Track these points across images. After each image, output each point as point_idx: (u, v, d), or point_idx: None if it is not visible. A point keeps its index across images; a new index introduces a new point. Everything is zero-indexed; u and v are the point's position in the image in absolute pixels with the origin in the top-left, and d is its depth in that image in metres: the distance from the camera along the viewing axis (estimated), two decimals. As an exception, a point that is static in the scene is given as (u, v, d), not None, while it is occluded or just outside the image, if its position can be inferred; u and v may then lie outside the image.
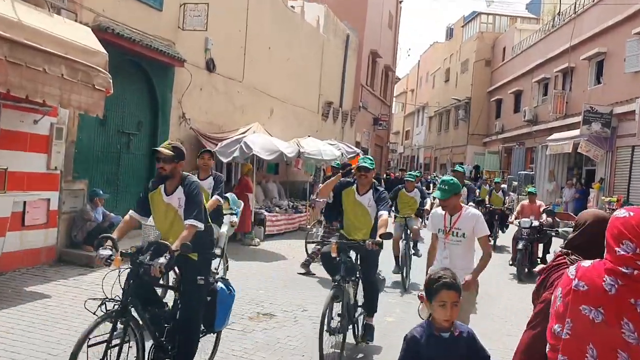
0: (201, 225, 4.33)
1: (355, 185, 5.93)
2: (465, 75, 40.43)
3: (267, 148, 11.59)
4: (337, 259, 5.44)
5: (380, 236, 5.33)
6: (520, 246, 10.56)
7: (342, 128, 24.66)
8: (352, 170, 6.31)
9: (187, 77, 11.87)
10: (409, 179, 11.15)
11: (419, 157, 54.01)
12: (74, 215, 9.18)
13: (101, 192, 9.32)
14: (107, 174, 10.25)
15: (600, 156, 19.64)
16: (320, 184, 11.74)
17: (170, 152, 4.39)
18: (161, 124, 11.34)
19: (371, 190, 5.83)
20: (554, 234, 10.07)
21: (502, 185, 19.03)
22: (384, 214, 5.65)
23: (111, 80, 8.13)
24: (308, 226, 15.51)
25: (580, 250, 2.92)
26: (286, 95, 17.55)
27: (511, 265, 11.06)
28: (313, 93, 20.46)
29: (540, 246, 11.29)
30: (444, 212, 5.00)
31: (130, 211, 4.67)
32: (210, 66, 12.83)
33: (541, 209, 11.40)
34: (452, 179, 4.95)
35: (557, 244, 8.73)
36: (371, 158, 6.12)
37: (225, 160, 11.73)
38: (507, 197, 20.34)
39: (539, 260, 11.09)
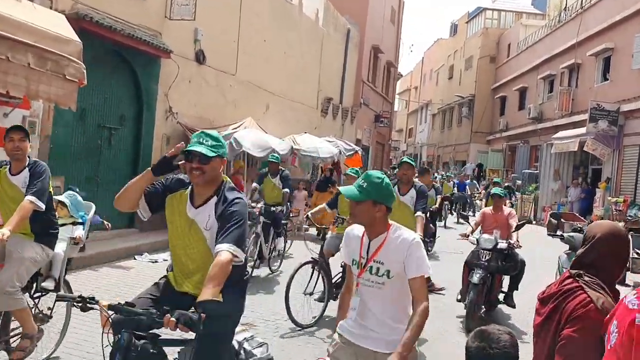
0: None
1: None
2: (469, 72, 39.77)
3: (258, 144, 11.05)
4: None
5: None
6: (475, 279, 6.79)
7: (342, 125, 24.09)
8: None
9: (174, 69, 11.35)
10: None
11: (422, 155, 53.35)
12: (48, 214, 8.65)
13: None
14: (87, 170, 9.73)
15: (606, 155, 19.01)
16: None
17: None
18: (146, 118, 10.82)
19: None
20: (559, 239, 7.77)
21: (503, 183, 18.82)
22: None
23: (85, 71, 7.58)
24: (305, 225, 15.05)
25: (593, 269, 2.42)
26: (283, 90, 17.00)
27: (459, 301, 7.40)
28: (312, 89, 19.90)
29: (506, 279, 7.60)
30: (361, 232, 3.09)
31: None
32: (200, 58, 12.30)
33: (510, 220, 7.40)
34: (379, 176, 3.01)
35: (529, 278, 7.71)
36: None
37: (213, 157, 11.17)
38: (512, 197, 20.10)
39: (500, 299, 7.59)
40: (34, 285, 4.49)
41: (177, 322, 2.52)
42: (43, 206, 4.11)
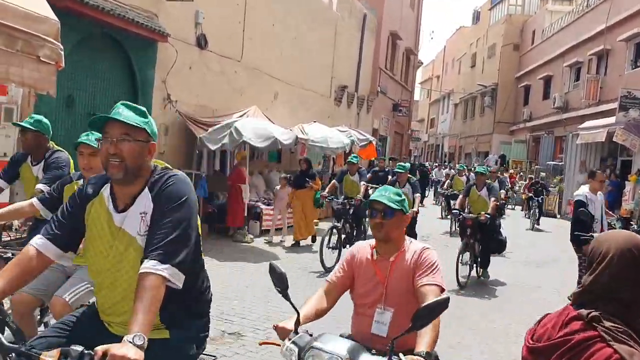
0: None
1: None
2: (492, 61, 38.59)
3: (259, 134, 10.32)
4: None
5: None
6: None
7: (357, 114, 23.25)
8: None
9: (172, 54, 10.65)
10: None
11: (444, 146, 52.27)
12: (30, 209, 8.04)
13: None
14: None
15: (637, 145, 17.93)
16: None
17: None
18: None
19: None
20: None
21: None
22: None
23: (62, 52, 6.90)
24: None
25: (611, 303, 1.69)
26: (293, 78, 16.22)
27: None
28: (325, 76, 19.09)
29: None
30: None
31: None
32: (201, 42, 11.59)
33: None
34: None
35: (552, 273, 7.55)
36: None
37: (213, 148, 10.50)
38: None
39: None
40: None
41: None
42: None
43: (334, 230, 9.39)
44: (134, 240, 2.22)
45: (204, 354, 2.54)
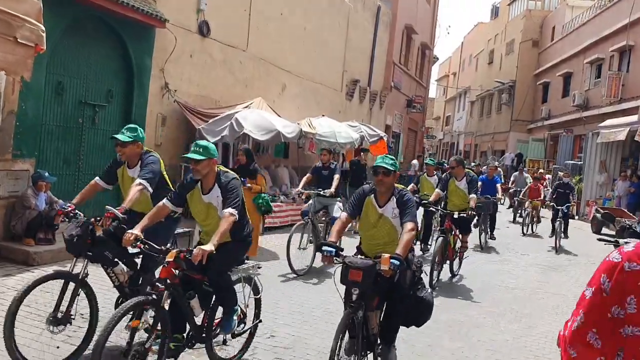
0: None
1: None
2: (510, 57, 37.71)
3: (261, 126, 9.80)
4: None
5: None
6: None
7: (370, 109, 22.64)
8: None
9: (171, 41, 10.16)
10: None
11: (459, 144, 51.41)
12: (13, 202, 7.60)
13: (47, 174, 7.70)
14: (66, 152, 8.64)
15: (661, 145, 17.18)
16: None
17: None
18: (137, 95, 9.66)
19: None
20: (612, 245, 6.03)
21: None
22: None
23: (44, 34, 6.41)
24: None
25: None
26: (302, 70, 15.67)
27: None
28: (336, 69, 18.51)
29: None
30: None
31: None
32: (203, 30, 11.09)
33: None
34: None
35: (563, 279, 6.80)
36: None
37: (212, 140, 9.96)
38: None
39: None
40: None
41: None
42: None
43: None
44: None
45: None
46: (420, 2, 28.74)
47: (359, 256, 4.43)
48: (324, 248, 4.21)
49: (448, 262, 8.47)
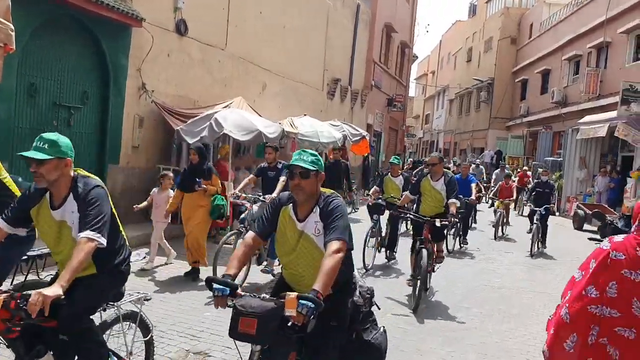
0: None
1: None
2: (488, 55, 37.89)
3: (242, 126, 9.59)
4: None
5: None
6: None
7: (351, 108, 22.54)
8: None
9: (148, 41, 9.91)
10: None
11: (439, 142, 51.61)
12: (-16, 208, 7.30)
13: (20, 179, 7.40)
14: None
15: (640, 141, 17.30)
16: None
17: None
18: (113, 96, 9.41)
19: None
20: (594, 242, 5.96)
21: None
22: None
23: (13, 33, 6.16)
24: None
25: None
26: (283, 69, 15.49)
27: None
28: (316, 68, 18.35)
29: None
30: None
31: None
32: (181, 29, 10.85)
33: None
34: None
35: (547, 278, 6.73)
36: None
37: (191, 141, 9.73)
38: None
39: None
40: None
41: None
42: None
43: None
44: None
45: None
46: (400, 0, 28.71)
47: (264, 294, 3.03)
48: (214, 286, 2.93)
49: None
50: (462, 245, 11.50)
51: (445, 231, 8.31)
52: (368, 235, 8.74)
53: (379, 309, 3.82)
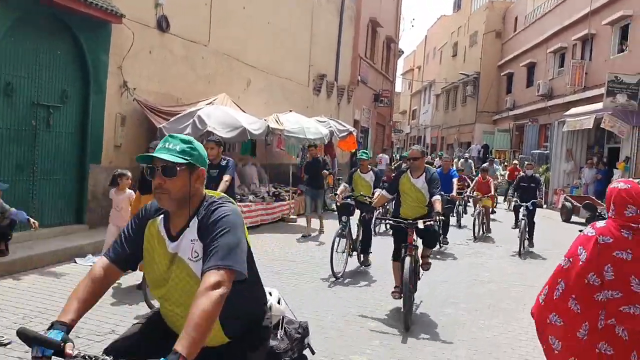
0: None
1: None
2: (474, 49, 37.91)
3: (225, 123, 9.45)
4: None
5: None
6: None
7: (337, 104, 22.41)
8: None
9: (129, 37, 9.71)
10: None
11: (426, 137, 51.65)
12: (-40, 211, 7.10)
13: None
14: (18, 157, 8.15)
15: (626, 132, 17.33)
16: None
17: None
18: (94, 94, 9.20)
19: None
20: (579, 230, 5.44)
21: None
22: None
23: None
24: (292, 216, 13.52)
25: None
26: (267, 65, 15.32)
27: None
28: (302, 64, 18.20)
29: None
30: None
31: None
32: (162, 25, 10.66)
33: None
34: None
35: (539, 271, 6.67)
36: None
37: (174, 139, 9.58)
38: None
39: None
40: None
41: None
42: None
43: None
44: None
45: None
46: (384, -5, 28.63)
47: (102, 356, 2.03)
48: (33, 345, 1.92)
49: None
50: (441, 245, 10.63)
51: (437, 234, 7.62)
52: (336, 239, 7.83)
53: (313, 353, 2.89)
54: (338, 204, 8.40)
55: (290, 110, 14.03)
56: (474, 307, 6.88)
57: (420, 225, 6.06)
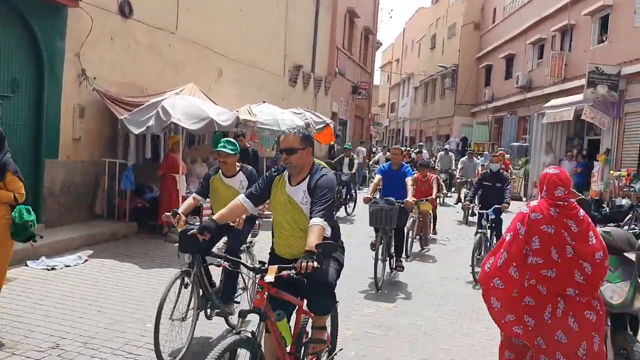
0: None
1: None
2: (452, 41, 37.59)
3: (191, 114, 8.83)
4: None
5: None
6: None
7: (314, 96, 21.87)
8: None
9: (87, 23, 9.05)
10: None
11: (404, 130, 51.39)
12: None
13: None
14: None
15: (606, 123, 17.10)
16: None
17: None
18: (48, 84, 8.53)
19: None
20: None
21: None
22: None
23: None
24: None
25: None
26: (240, 54, 14.71)
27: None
28: (277, 54, 17.61)
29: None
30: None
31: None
32: (124, 10, 10.00)
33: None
34: None
35: None
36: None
37: (136, 132, 8.96)
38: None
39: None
40: None
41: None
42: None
43: None
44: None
45: None
46: (362, -16, 28.12)
47: None
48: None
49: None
50: (392, 269, 7.84)
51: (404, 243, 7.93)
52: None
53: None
54: None
55: (264, 102, 13.45)
56: (457, 310, 6.43)
57: (269, 279, 3.18)
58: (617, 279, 4.22)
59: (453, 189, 19.31)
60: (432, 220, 10.78)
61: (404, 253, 8.43)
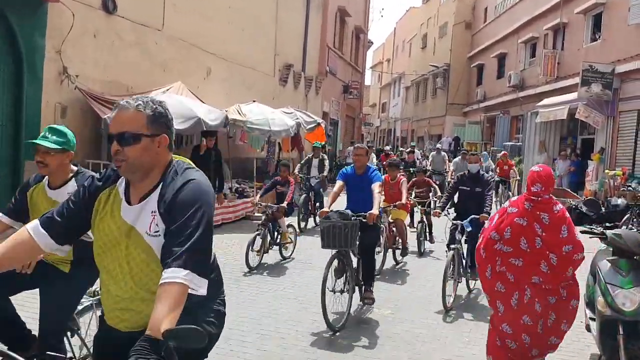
0: None
1: None
2: (443, 41, 37.44)
3: (178, 113, 8.50)
4: None
5: None
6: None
7: (305, 95, 21.58)
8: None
9: (70, 19, 8.72)
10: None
11: (396, 130, 51.24)
12: None
13: None
14: None
15: (600, 122, 16.93)
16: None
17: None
18: (28, 82, 8.21)
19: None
20: (598, 238, 4.58)
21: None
22: None
23: None
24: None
25: None
26: (229, 53, 14.39)
27: None
28: (267, 53, 17.31)
29: None
30: None
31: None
32: (108, 6, 9.68)
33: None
34: None
35: None
36: None
37: (122, 131, 8.63)
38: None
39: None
40: None
41: None
42: None
43: None
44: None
45: None
46: (353, -17, 27.86)
47: None
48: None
49: None
50: (365, 302, 6.08)
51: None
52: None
53: None
54: None
55: (254, 101, 13.15)
56: (456, 315, 6.14)
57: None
58: (629, 284, 3.97)
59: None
60: (427, 228, 9.79)
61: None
